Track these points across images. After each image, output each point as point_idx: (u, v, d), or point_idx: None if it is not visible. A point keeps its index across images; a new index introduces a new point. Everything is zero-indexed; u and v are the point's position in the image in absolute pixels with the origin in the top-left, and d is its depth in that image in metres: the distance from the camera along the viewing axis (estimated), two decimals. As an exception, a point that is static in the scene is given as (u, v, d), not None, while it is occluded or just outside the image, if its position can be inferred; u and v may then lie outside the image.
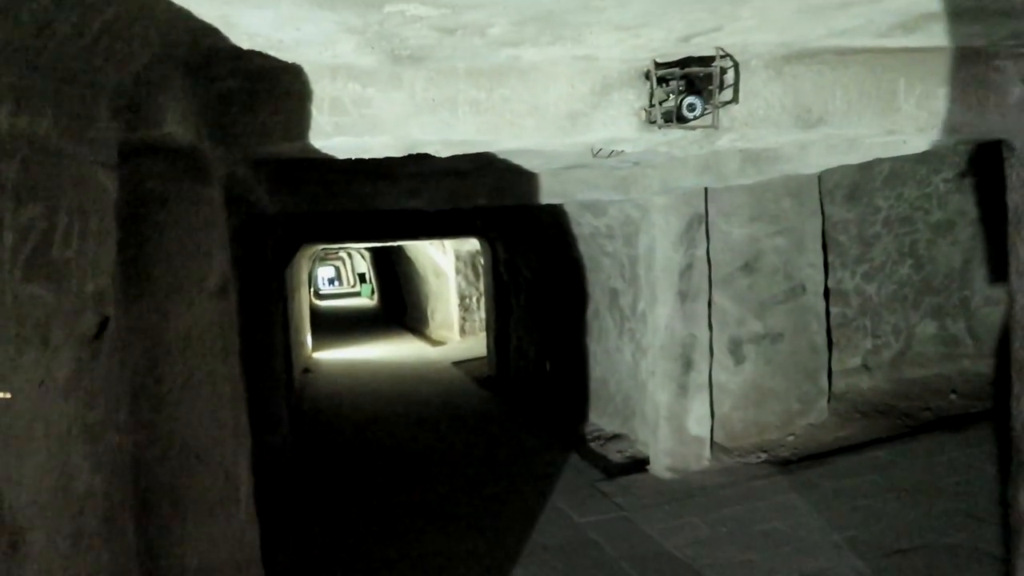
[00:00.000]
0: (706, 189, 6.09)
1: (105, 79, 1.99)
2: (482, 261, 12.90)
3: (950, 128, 3.01)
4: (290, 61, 2.51)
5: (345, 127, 2.67)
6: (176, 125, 2.29)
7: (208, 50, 2.34)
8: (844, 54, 2.84)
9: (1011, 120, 3.00)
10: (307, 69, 2.58)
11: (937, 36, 2.62)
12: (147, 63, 2.13)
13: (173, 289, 2.55)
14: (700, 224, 6.13)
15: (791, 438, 6.56)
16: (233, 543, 2.68)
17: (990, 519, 4.58)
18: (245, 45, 2.29)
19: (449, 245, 15.20)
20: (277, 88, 2.62)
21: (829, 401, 6.93)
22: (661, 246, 6.06)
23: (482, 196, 5.87)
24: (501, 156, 4.86)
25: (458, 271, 15.47)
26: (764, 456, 6.24)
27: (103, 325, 2.06)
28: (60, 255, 1.83)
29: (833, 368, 7.10)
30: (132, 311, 2.48)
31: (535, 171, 5.69)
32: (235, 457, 2.73)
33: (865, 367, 7.36)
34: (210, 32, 2.15)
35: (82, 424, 1.95)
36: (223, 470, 2.65)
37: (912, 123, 2.97)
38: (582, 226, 7.61)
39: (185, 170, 2.55)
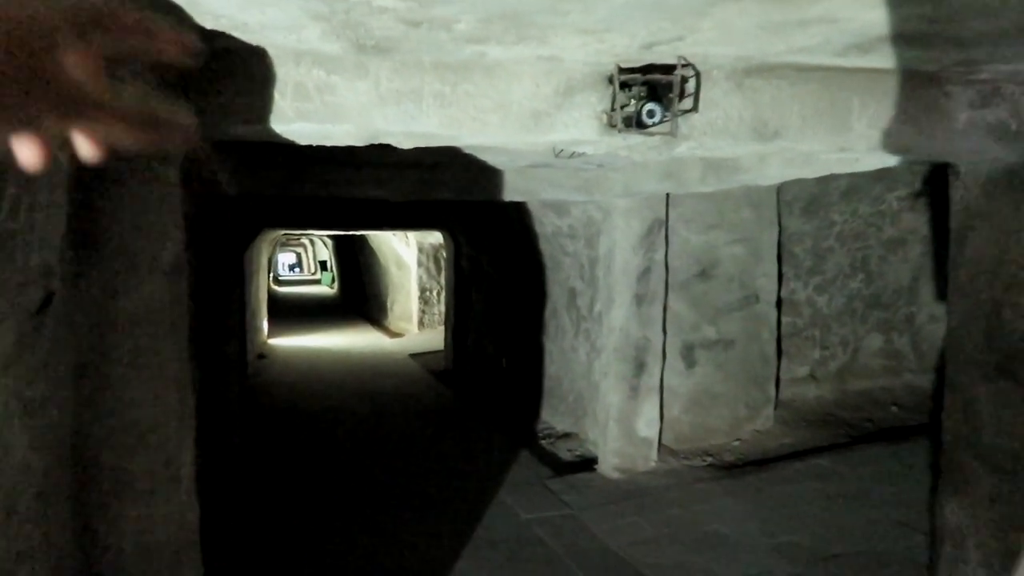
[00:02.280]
0: (668, 195, 6.18)
1: (61, 50, 1.96)
2: (444, 254, 12.89)
3: (900, 148, 3.11)
4: (255, 44, 2.49)
5: (307, 113, 2.66)
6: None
7: (170, 27, 2.31)
8: (803, 71, 2.92)
9: (957, 144, 3.11)
10: (272, 53, 2.56)
11: (890, 59, 2.70)
12: (106, 36, 2.10)
13: (124, 267, 2.52)
14: (660, 229, 6.21)
15: (737, 443, 6.69)
16: (172, 525, 2.66)
17: (921, 528, 4.75)
18: (209, 25, 2.27)
19: (412, 237, 15.14)
20: (240, 70, 2.59)
21: (776, 409, 7.08)
22: (621, 248, 6.13)
23: (447, 190, 5.87)
24: (467, 151, 4.87)
25: (420, 263, 15.42)
26: (710, 460, 6.36)
27: (47, 300, 2.03)
28: (5, 226, 1.80)
29: (781, 377, 7.26)
30: (80, 287, 2.44)
31: (500, 168, 5.71)
32: (179, 439, 2.71)
33: (812, 377, 7.54)
34: (173, 9, 2.12)
35: (20, 399, 1.92)
36: (166, 452, 2.62)
37: (864, 142, 3.06)
38: (545, 225, 7.66)
39: (141, 147, 2.52)
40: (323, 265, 35.03)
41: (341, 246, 23.33)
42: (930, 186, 7.40)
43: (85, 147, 0.49)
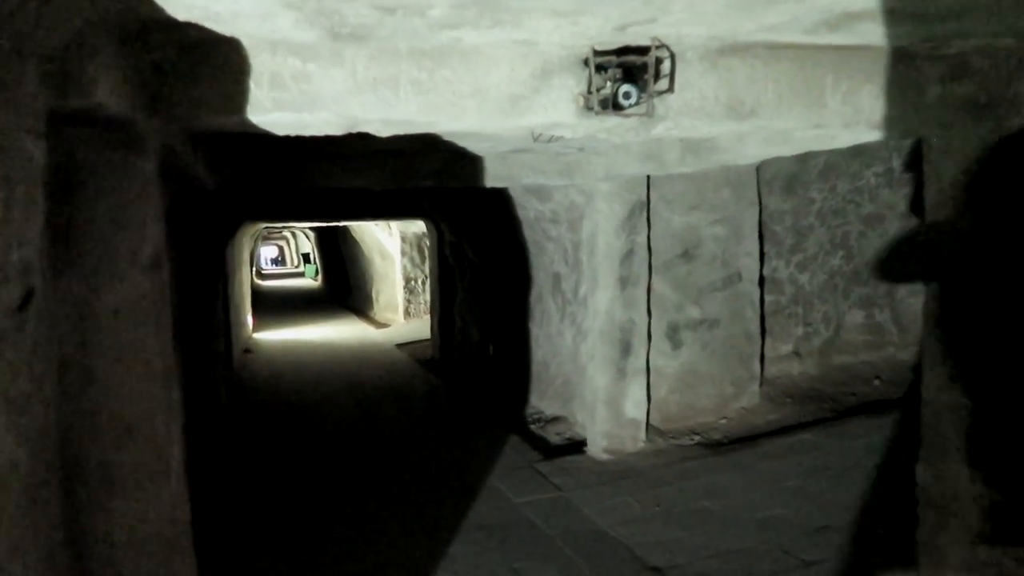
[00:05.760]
0: (648, 177, 6.21)
1: (33, 45, 1.95)
2: (428, 243, 12.87)
3: (873, 124, 3.15)
4: (228, 34, 2.48)
5: (284, 103, 2.65)
6: (108, 95, 2.25)
7: (144, 19, 2.30)
8: (775, 49, 2.94)
9: (929, 118, 3.15)
10: (246, 42, 2.56)
11: (861, 35, 2.73)
12: (78, 29, 2.09)
13: (104, 262, 2.52)
14: (642, 211, 6.24)
15: (724, 421, 6.76)
16: (162, 519, 2.67)
17: (906, 499, 4.83)
18: (181, 16, 2.27)
19: (395, 226, 15.10)
20: (215, 60, 2.59)
21: (761, 386, 7.16)
22: (604, 232, 6.16)
23: (428, 177, 5.87)
24: (447, 138, 4.87)
25: (404, 253, 15.39)
26: (697, 438, 6.43)
27: (28, 296, 2.03)
28: (-17, 223, 1.80)
29: (766, 354, 7.33)
30: (61, 283, 2.43)
31: (481, 154, 5.71)
32: (166, 432, 2.72)
33: (796, 353, 7.62)
34: (145, 0, 2.11)
35: (4, 396, 1.92)
36: (153, 445, 2.63)
37: (838, 118, 3.10)
38: (527, 210, 7.67)
39: (118, 141, 2.51)
40: (306, 258, 34.88)
41: (324, 238, 23.23)
42: (909, 161, 7.47)
43: None
